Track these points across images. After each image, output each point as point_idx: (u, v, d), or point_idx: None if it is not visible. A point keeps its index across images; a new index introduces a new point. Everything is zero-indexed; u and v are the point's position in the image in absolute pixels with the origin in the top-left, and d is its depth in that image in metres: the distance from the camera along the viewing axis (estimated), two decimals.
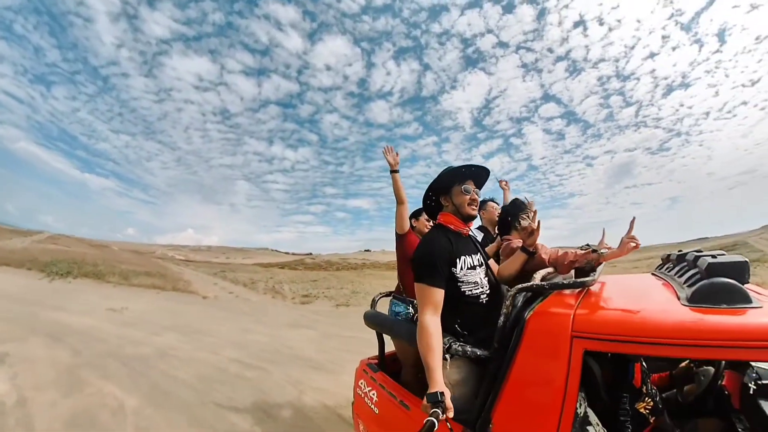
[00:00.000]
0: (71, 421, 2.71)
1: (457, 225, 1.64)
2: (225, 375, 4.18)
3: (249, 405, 3.47)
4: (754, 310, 1.04)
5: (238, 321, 7.47)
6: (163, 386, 3.56)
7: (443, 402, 1.12)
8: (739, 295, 1.08)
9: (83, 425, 2.69)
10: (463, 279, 1.53)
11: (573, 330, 1.16)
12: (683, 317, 1.07)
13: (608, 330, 1.13)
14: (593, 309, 1.26)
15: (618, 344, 1.11)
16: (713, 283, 1.14)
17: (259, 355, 5.06)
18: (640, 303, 1.32)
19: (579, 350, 1.14)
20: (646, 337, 1.05)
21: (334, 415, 3.45)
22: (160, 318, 6.60)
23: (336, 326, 7.60)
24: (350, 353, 5.54)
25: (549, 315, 1.27)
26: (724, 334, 0.99)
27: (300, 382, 4.18)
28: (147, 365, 4.04)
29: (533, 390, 1.22)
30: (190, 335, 5.74)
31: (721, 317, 1.04)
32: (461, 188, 1.62)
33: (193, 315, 7.53)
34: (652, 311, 1.17)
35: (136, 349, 4.48)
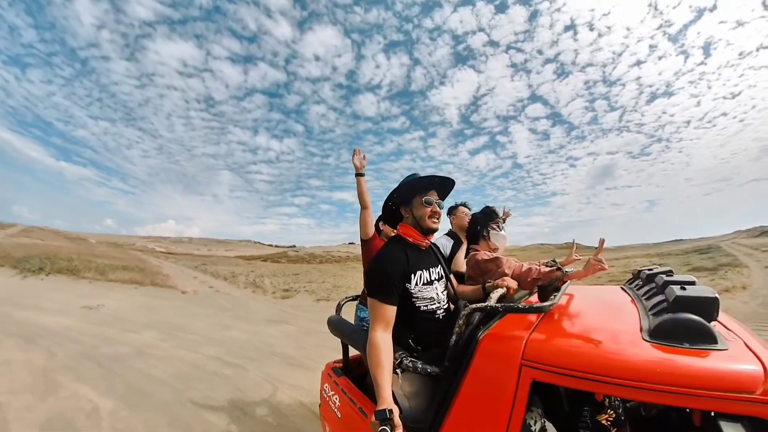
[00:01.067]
0: (47, 426, 2.67)
1: (416, 238, 1.55)
2: (203, 373, 4.17)
3: (226, 403, 3.48)
4: (717, 352, 0.97)
5: (217, 317, 7.41)
6: (139, 386, 3.53)
7: (392, 419, 1.11)
8: (703, 334, 1.01)
9: (59, 430, 2.66)
10: (418, 295, 1.49)
11: (523, 358, 1.12)
12: (640, 356, 1.00)
13: (559, 362, 1.07)
14: (548, 336, 1.20)
15: (568, 378, 1.04)
16: (677, 319, 1.06)
17: (238, 352, 5.06)
18: (600, 332, 1.22)
19: (527, 379, 1.09)
20: (598, 375, 0.99)
21: (310, 412, 3.51)
22: (137, 315, 6.48)
23: (316, 322, 7.64)
24: (328, 349, 5.61)
25: (501, 338, 1.23)
26: (680, 379, 0.91)
27: (277, 379, 4.23)
28: (123, 365, 3.99)
29: (481, 411, 1.19)
30: (168, 332, 5.67)
31: (680, 359, 0.96)
32: (422, 199, 1.53)
33: (171, 311, 7.41)
34: (609, 345, 1.10)
35: (113, 348, 4.41)
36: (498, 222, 2.17)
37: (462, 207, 2.76)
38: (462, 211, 2.72)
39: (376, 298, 1.38)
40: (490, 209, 2.19)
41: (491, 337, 1.24)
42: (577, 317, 1.41)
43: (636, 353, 1.01)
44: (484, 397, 1.19)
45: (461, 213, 2.72)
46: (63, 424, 2.72)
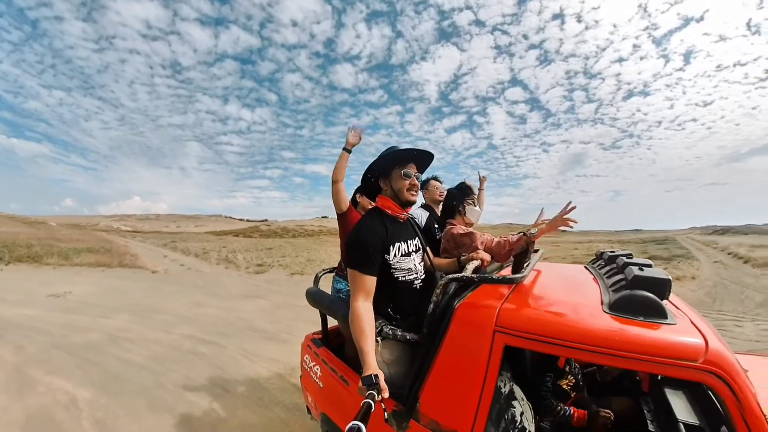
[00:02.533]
0: (27, 425, 2.63)
1: (395, 210, 1.58)
2: (179, 353, 4.19)
3: (206, 381, 3.55)
4: (667, 326, 1.09)
5: (190, 295, 7.32)
6: (116, 372, 3.52)
7: (378, 384, 1.13)
8: (656, 310, 1.13)
9: (40, 426, 2.63)
10: (396, 266, 1.52)
11: (496, 324, 1.21)
12: (601, 325, 1.11)
13: (529, 328, 1.16)
14: (519, 305, 1.28)
15: (537, 343, 1.15)
16: (634, 295, 1.17)
17: (213, 330, 5.09)
18: (565, 304, 1.32)
19: (500, 344, 1.19)
20: (564, 340, 1.10)
21: (289, 384, 3.67)
22: (107, 299, 6.30)
23: (289, 296, 7.74)
24: (303, 322, 5.76)
25: (476, 307, 1.30)
26: (634, 346, 1.03)
27: (254, 354, 4.34)
28: (97, 352, 3.93)
29: (457, 375, 1.27)
30: (140, 315, 5.58)
31: (634, 329, 1.08)
32: (401, 172, 1.54)
33: (142, 292, 7.24)
34: (573, 314, 1.20)
35: (84, 336, 4.31)
36: (473, 198, 2.23)
37: (433, 181, 2.77)
38: (433, 185, 2.74)
39: (357, 269, 1.41)
40: (466, 185, 2.23)
41: (466, 306, 1.31)
42: (545, 290, 1.50)
43: (597, 322, 1.13)
44: (460, 361, 1.27)
45: (432, 186, 2.74)
46: (43, 421, 2.69)
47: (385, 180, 1.60)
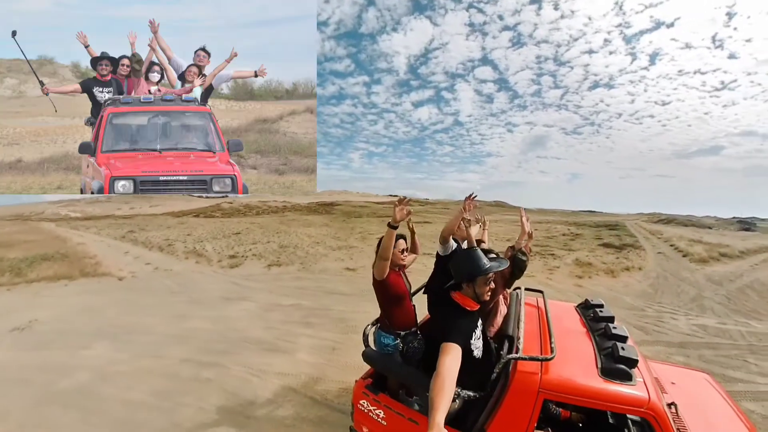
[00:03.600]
0: None
1: (473, 306, 1.95)
2: (182, 382, 4.02)
3: (222, 411, 3.49)
4: (631, 386, 1.87)
5: (169, 305, 6.89)
6: (124, 419, 3.33)
7: None
8: (626, 377, 1.91)
9: None
10: (473, 347, 1.91)
11: (540, 388, 1.88)
12: (598, 386, 1.89)
13: (560, 389, 1.89)
14: (552, 374, 1.94)
15: (563, 398, 1.90)
16: (617, 368, 1.93)
17: (207, 348, 4.91)
18: (578, 369, 2.01)
19: (541, 399, 1.89)
20: (578, 398, 1.87)
21: (306, 398, 3.70)
22: (79, 323, 5.79)
23: (273, 293, 7.59)
24: (296, 325, 5.74)
25: (526, 374, 1.95)
26: (615, 399, 1.84)
27: (260, 370, 4.29)
28: (94, 398, 3.66)
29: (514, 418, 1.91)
30: (122, 339, 5.20)
31: (614, 388, 1.88)
32: (485, 279, 1.91)
33: (116, 308, 6.72)
34: (584, 379, 1.92)
35: (71, 378, 3.98)
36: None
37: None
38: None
39: (455, 341, 1.70)
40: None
41: (520, 374, 1.96)
42: (565, 357, 2.08)
43: (597, 384, 1.89)
44: (516, 410, 1.91)
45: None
46: None
47: (469, 283, 1.92)
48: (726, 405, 2.51)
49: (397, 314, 2.48)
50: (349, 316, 5.90)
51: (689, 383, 2.72)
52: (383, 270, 2.33)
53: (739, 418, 2.36)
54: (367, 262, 10.36)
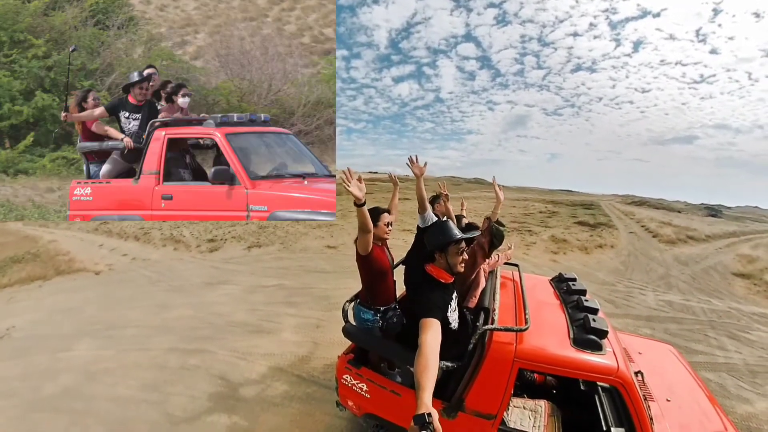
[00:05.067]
0: None
1: (447, 279, 1.98)
2: (170, 373, 4.06)
3: (213, 396, 3.58)
4: (602, 355, 1.99)
5: (149, 296, 6.78)
6: (115, 417, 3.37)
7: (431, 423, 1.11)
8: (597, 347, 2.02)
9: None
10: (450, 319, 1.96)
11: (515, 357, 1.99)
12: (571, 355, 2.01)
13: (533, 359, 2.00)
14: (526, 344, 2.05)
15: (537, 367, 2.03)
16: (587, 339, 2.05)
17: (193, 335, 4.94)
18: (551, 339, 2.14)
19: (516, 368, 2.00)
20: (552, 366, 1.99)
21: (293, 376, 3.83)
22: (58, 325, 5.66)
23: (255, 275, 7.59)
24: (280, 305, 5.81)
25: (501, 344, 2.05)
26: (587, 368, 1.97)
27: (247, 353, 4.38)
28: (82, 398, 3.67)
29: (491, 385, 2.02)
30: (104, 336, 5.13)
31: (587, 357, 1.99)
32: (457, 249, 1.93)
33: (95, 304, 6.57)
34: (557, 348, 2.05)
35: (56, 382, 3.95)
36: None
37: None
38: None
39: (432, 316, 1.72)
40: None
41: (496, 344, 2.05)
42: (538, 327, 2.18)
43: (569, 354, 2.01)
44: (493, 377, 2.02)
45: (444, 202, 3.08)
46: None
47: (441, 254, 1.94)
48: (687, 374, 2.68)
49: (379, 289, 2.49)
50: (331, 293, 6.00)
51: (655, 354, 2.90)
52: (366, 244, 2.30)
53: (699, 386, 2.54)
54: (347, 239, 10.40)
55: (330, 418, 3.16)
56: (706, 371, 4.13)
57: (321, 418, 3.20)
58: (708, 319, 5.68)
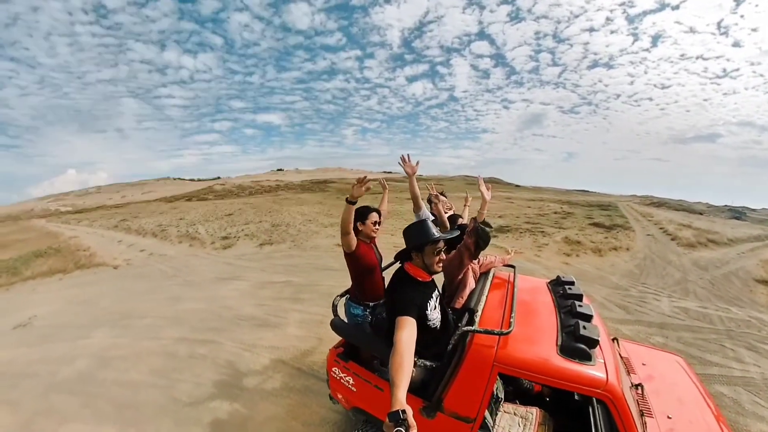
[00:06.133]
0: None
1: (425, 277, 2.00)
2: (178, 361, 4.26)
3: (217, 384, 3.73)
4: (590, 366, 1.85)
5: (164, 289, 7.10)
6: (125, 399, 3.57)
7: (405, 420, 1.13)
8: (585, 356, 1.88)
9: None
10: (430, 317, 1.97)
11: (495, 361, 1.91)
12: (555, 364, 1.86)
13: (515, 365, 1.89)
14: (508, 348, 1.96)
15: (519, 373, 1.89)
16: (576, 347, 1.90)
17: (202, 326, 5.14)
18: (534, 346, 2.01)
19: (496, 372, 1.91)
20: (532, 373, 1.86)
21: (293, 369, 3.94)
22: (77, 315, 5.99)
23: (265, 271, 7.80)
24: (287, 301, 5.96)
25: (481, 347, 1.97)
26: (574, 378, 1.80)
27: (252, 345, 4.53)
28: (95, 382, 3.90)
29: (469, 387, 1.95)
30: (119, 325, 5.41)
31: (573, 367, 1.84)
32: (434, 250, 1.95)
33: (112, 296, 6.92)
34: (538, 356, 1.91)
35: (72, 367, 4.20)
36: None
37: (442, 197, 3.24)
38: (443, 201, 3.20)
39: (405, 314, 1.74)
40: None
41: (476, 346, 1.98)
42: (523, 331, 2.11)
43: (553, 362, 1.87)
44: (472, 380, 1.94)
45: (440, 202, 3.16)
46: None
47: (417, 253, 1.98)
48: (694, 388, 2.48)
49: (367, 285, 2.59)
50: (338, 291, 5.87)
51: (660, 365, 2.72)
52: (349, 243, 2.42)
53: (705, 401, 2.33)
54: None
55: (325, 411, 3.23)
56: (719, 385, 3.91)
57: (316, 410, 3.28)
58: (726, 328, 5.42)
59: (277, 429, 3.08)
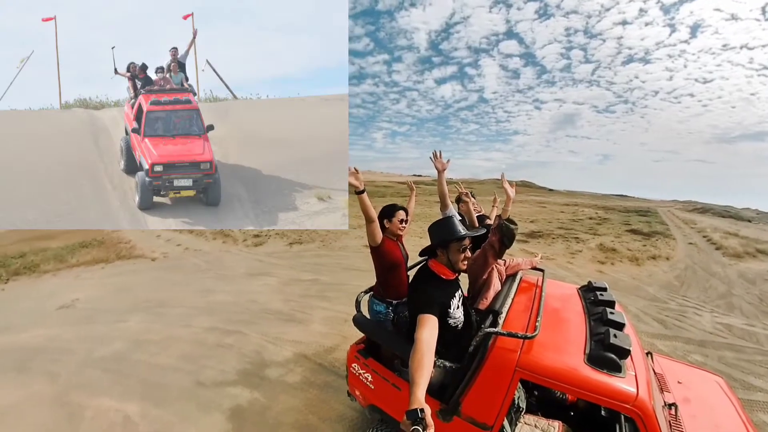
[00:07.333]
0: None
1: (448, 275, 1.96)
2: (206, 348, 4.42)
3: (240, 373, 3.84)
4: (620, 378, 1.71)
5: (197, 281, 7.43)
6: (154, 380, 3.73)
7: (423, 419, 1.13)
8: (615, 367, 1.74)
9: None
10: (452, 316, 1.94)
11: (517, 366, 1.82)
12: (582, 373, 1.74)
13: (539, 371, 1.78)
14: (533, 353, 1.86)
15: (542, 380, 1.77)
16: (605, 357, 1.77)
17: (231, 318, 5.32)
18: (560, 353, 1.91)
19: (518, 378, 1.82)
20: (557, 382, 1.75)
21: (315, 364, 3.98)
22: (116, 300, 6.39)
23: (294, 269, 7.96)
24: (313, 298, 6.04)
25: (504, 351, 1.89)
26: (600, 390, 1.67)
27: (276, 338, 4.62)
28: (128, 362, 4.11)
29: (489, 392, 1.86)
30: (154, 312, 5.71)
31: (601, 377, 1.71)
32: (459, 247, 1.91)
33: (149, 285, 7.33)
34: (564, 364, 1.80)
35: (109, 347, 4.47)
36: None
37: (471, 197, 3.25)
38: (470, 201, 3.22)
39: (425, 312, 1.71)
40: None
41: (498, 349, 1.91)
42: (549, 336, 2.01)
43: (579, 371, 1.75)
44: (492, 385, 1.86)
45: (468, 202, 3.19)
46: None
47: (442, 250, 1.94)
48: (735, 413, 2.32)
49: (392, 282, 2.56)
50: None
51: (698, 385, 2.55)
52: (374, 233, 2.40)
53: (746, 430, 2.17)
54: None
55: (343, 408, 3.22)
56: (763, 413, 3.54)
57: (334, 406, 3.27)
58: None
59: (294, 420, 3.10)
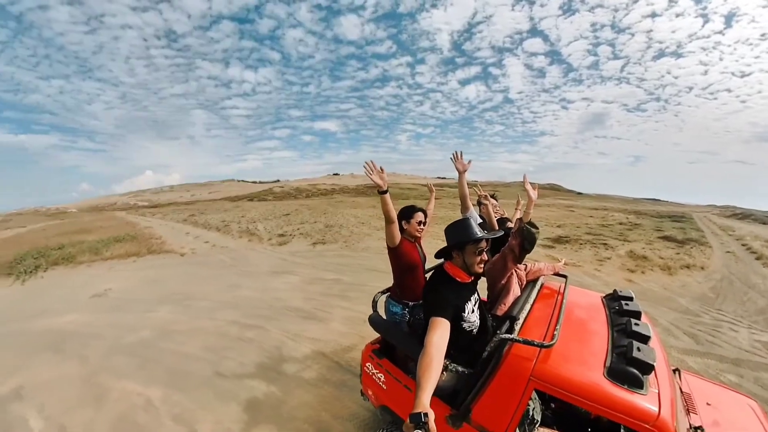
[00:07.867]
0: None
1: (464, 278, 1.90)
2: (228, 340, 4.56)
3: (259, 366, 3.91)
4: (641, 395, 1.59)
5: (223, 276, 7.69)
6: (177, 367, 3.87)
7: (426, 423, 1.12)
8: (637, 384, 1.62)
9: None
10: (466, 319, 1.88)
11: (531, 375, 1.73)
12: (601, 387, 1.63)
13: (554, 383, 1.68)
14: (549, 363, 1.77)
15: (557, 392, 1.67)
16: (627, 371, 1.65)
17: (254, 313, 5.45)
18: (578, 365, 1.79)
19: (531, 388, 1.74)
20: (573, 395, 1.64)
21: (332, 362, 3.98)
22: (146, 291, 6.70)
23: (316, 268, 8.06)
24: (334, 298, 6.06)
25: (518, 359, 1.81)
26: (618, 407, 1.55)
27: (296, 335, 4.66)
28: (154, 349, 4.29)
29: (501, 400, 1.79)
30: (181, 304, 5.95)
31: (620, 393, 1.59)
32: (475, 249, 1.86)
33: (177, 279, 7.64)
34: (583, 377, 1.69)
35: (137, 335, 4.68)
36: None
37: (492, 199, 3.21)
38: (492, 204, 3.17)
39: (436, 314, 1.67)
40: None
41: (512, 357, 1.83)
42: (566, 347, 1.90)
43: (597, 384, 1.64)
44: (504, 392, 1.79)
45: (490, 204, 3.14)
46: (128, 425, 3.02)
47: (458, 252, 1.89)
48: None
49: (408, 284, 2.54)
50: None
51: (729, 407, 2.39)
52: (392, 234, 2.40)
53: None
54: None
55: (356, 407, 3.20)
56: None
57: (348, 404, 3.25)
58: None
59: (306, 416, 3.10)
